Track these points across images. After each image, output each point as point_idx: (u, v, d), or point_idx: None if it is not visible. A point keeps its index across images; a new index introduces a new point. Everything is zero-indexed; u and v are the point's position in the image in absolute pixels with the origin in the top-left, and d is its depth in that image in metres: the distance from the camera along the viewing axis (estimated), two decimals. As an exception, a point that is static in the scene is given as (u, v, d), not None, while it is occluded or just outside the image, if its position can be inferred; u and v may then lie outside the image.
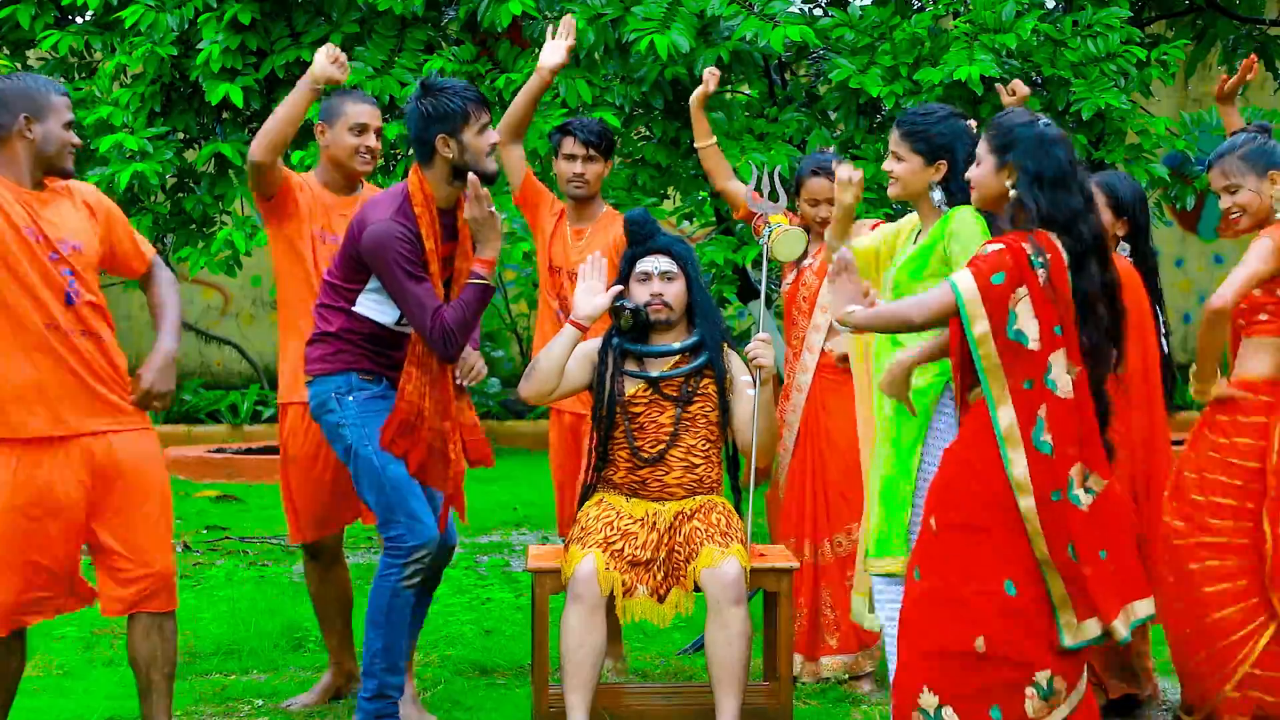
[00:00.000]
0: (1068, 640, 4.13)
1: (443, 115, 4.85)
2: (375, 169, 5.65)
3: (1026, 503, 4.11)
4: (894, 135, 4.85)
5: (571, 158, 5.88)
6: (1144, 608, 4.22)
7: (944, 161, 4.76)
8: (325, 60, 5.29)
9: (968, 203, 4.57)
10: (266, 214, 5.43)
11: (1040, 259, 4.13)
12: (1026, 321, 4.12)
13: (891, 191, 4.87)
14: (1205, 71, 12.62)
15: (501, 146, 5.80)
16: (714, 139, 6.10)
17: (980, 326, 4.11)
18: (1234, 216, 4.96)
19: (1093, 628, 4.15)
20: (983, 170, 4.35)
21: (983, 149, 4.36)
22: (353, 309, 4.96)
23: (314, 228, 5.37)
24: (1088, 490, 4.17)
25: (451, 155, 4.86)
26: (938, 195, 4.79)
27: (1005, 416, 4.12)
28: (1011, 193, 4.27)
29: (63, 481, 4.46)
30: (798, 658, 5.75)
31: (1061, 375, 4.14)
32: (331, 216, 5.38)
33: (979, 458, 4.17)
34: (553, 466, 6.04)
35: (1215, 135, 8.16)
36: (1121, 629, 4.15)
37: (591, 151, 5.87)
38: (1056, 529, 4.12)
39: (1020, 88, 5.53)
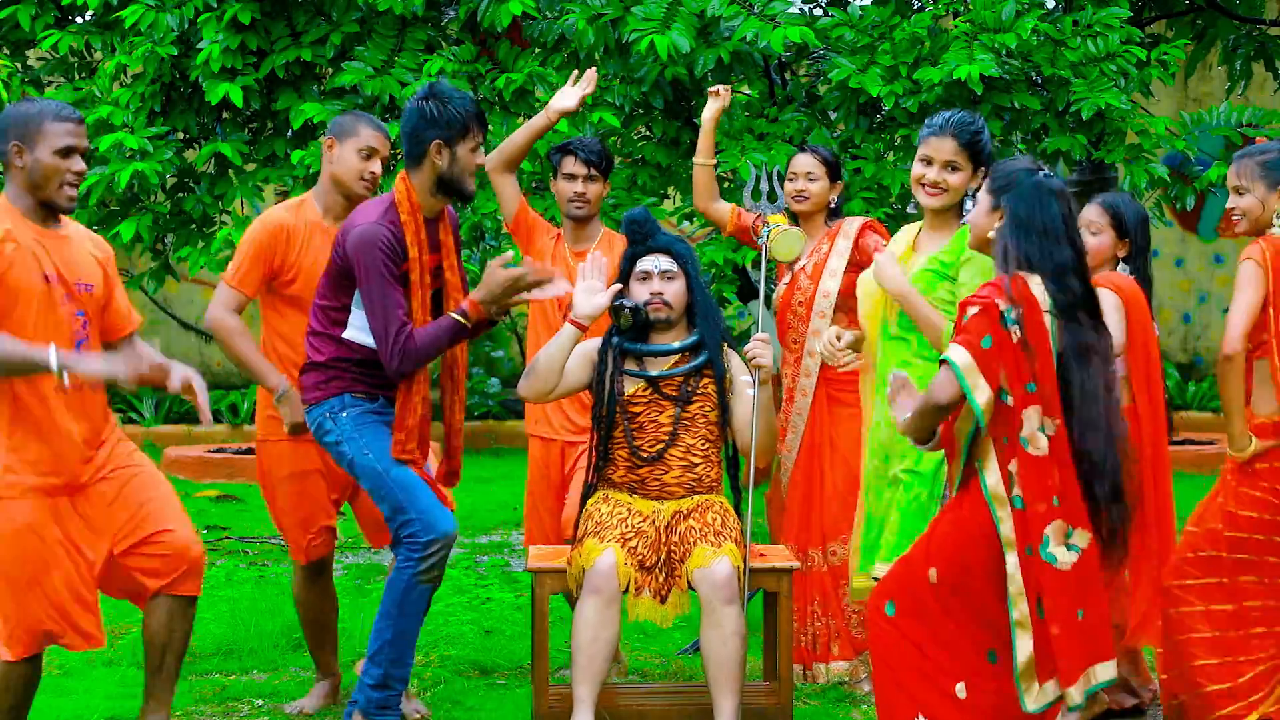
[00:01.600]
0: (1029, 705, 4.10)
1: (445, 122, 4.86)
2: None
3: (1012, 560, 4.09)
4: (948, 145, 4.84)
5: (572, 177, 5.86)
6: (1104, 671, 4.13)
7: (984, 168, 4.79)
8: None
9: None
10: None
11: (1014, 314, 4.09)
12: (1005, 379, 4.11)
13: (937, 201, 4.87)
14: (1205, 71, 12.64)
15: (494, 174, 5.81)
16: (714, 160, 6.08)
17: (983, 395, 4.09)
18: (1235, 218, 4.95)
19: (1052, 690, 4.10)
20: (978, 210, 4.34)
21: (982, 191, 4.34)
22: (343, 337, 4.95)
23: (320, 269, 5.25)
24: (1070, 548, 4.10)
25: (442, 164, 4.88)
26: (969, 203, 4.80)
27: (992, 475, 4.12)
28: (991, 234, 4.26)
29: (70, 517, 4.47)
30: (798, 667, 5.77)
31: (1034, 432, 4.10)
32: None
33: (976, 524, 4.16)
34: (528, 482, 5.99)
35: (1215, 135, 8.17)
36: (1076, 695, 4.08)
37: (592, 171, 5.84)
38: (1030, 585, 4.09)
39: None
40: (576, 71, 5.85)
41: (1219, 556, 4.85)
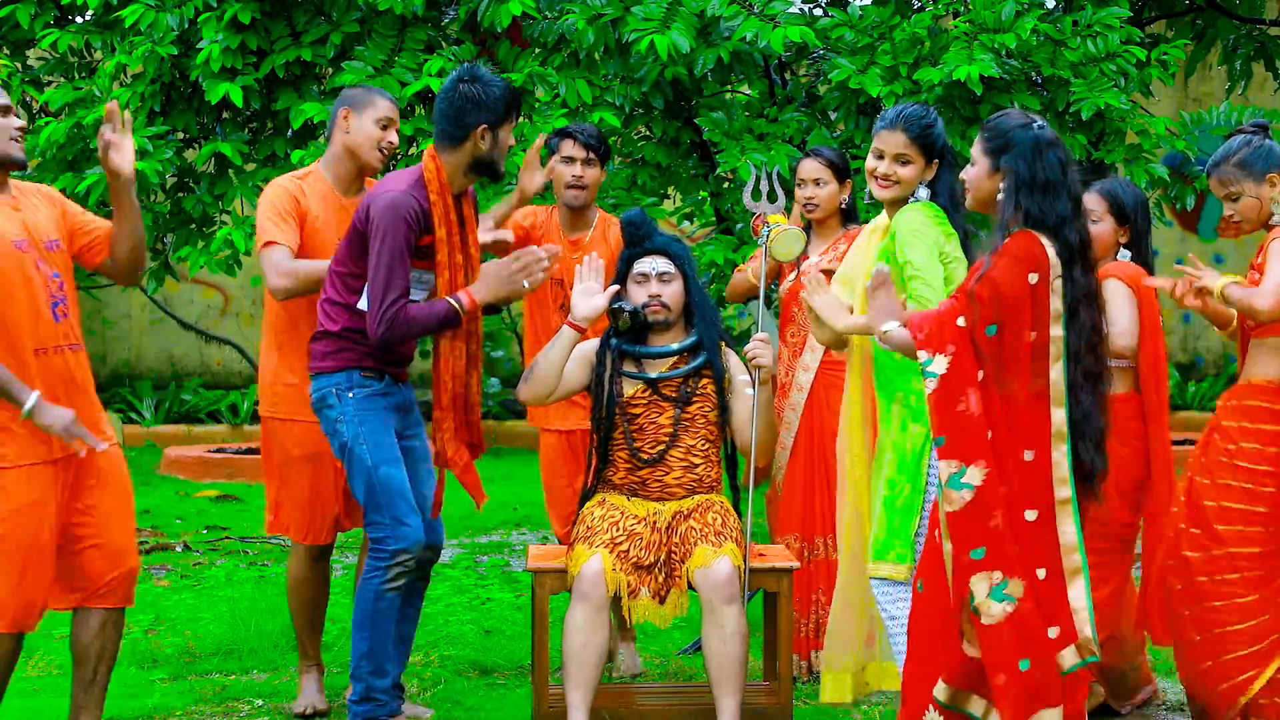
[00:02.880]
0: (970, 708, 4.18)
1: (490, 105, 4.91)
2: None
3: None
4: (898, 138, 4.83)
5: (570, 160, 5.87)
6: (1051, 716, 4.10)
7: (938, 161, 4.79)
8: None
9: (951, 203, 4.60)
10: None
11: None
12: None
13: (889, 194, 4.85)
14: (1205, 71, 12.63)
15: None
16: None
17: (930, 385, 4.14)
18: (1237, 221, 4.92)
19: (982, 710, 4.15)
20: (977, 172, 4.32)
21: (977, 151, 4.33)
22: (357, 306, 4.96)
23: (338, 240, 5.25)
24: (1006, 598, 4.06)
25: (484, 147, 4.92)
26: (923, 193, 4.79)
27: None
28: (999, 195, 4.26)
29: (54, 496, 4.49)
30: (800, 661, 5.76)
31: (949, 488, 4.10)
32: (346, 220, 5.30)
33: None
34: (543, 473, 5.99)
35: (1215, 135, 8.17)
36: None
37: (591, 155, 5.85)
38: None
39: None
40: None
41: (1186, 531, 4.85)
